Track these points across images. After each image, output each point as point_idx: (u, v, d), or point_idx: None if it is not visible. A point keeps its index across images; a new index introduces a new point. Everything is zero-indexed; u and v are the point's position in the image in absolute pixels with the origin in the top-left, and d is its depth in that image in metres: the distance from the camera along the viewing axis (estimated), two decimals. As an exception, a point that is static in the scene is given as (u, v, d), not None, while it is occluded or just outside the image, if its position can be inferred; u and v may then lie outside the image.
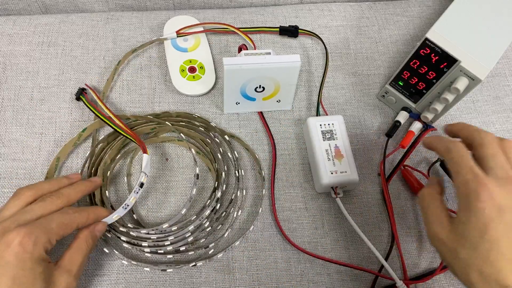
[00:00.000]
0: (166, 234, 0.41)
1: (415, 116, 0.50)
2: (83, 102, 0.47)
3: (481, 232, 0.29)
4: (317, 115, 0.50)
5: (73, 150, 0.46)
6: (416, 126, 0.49)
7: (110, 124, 0.44)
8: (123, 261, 0.41)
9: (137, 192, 0.40)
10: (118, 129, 0.44)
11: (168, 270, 0.42)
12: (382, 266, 0.42)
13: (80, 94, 0.48)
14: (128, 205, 0.39)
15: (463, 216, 0.30)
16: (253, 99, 0.48)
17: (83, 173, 0.44)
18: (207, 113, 0.50)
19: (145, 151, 0.42)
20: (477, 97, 0.54)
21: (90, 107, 0.46)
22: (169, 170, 0.47)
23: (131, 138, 0.44)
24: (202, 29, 0.54)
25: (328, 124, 0.47)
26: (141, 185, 0.40)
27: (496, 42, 0.44)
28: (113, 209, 0.43)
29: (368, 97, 0.53)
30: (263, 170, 0.47)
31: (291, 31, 0.55)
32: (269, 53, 0.45)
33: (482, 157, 0.32)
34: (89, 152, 0.45)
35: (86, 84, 0.49)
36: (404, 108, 0.50)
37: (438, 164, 0.49)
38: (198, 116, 0.49)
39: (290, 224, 0.45)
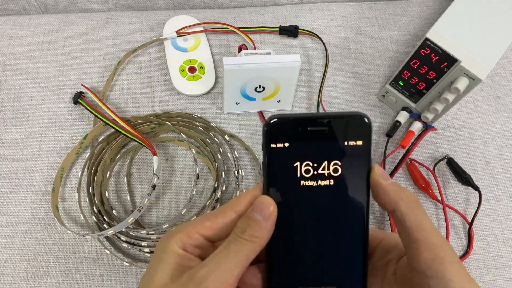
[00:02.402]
0: (166, 234, 0.41)
1: (415, 116, 0.50)
2: (83, 105, 0.47)
3: None
4: (317, 115, 0.50)
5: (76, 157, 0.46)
6: (417, 126, 0.49)
7: (115, 127, 0.44)
8: (124, 262, 0.41)
9: (150, 194, 0.40)
10: (124, 132, 0.44)
11: (168, 270, 0.42)
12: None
13: (78, 97, 0.47)
14: (142, 208, 0.40)
15: None
16: (253, 99, 0.48)
17: (83, 174, 0.44)
18: (207, 113, 0.50)
19: (154, 153, 0.43)
20: (477, 97, 0.54)
21: (91, 110, 0.46)
22: (169, 170, 0.47)
23: (138, 140, 0.44)
24: (202, 29, 0.54)
25: (328, 124, 0.46)
26: (154, 187, 0.40)
27: (496, 42, 0.44)
28: (112, 210, 0.43)
29: (368, 97, 0.53)
30: (263, 170, 0.47)
31: (291, 31, 0.55)
32: (269, 53, 0.45)
33: None
34: (88, 153, 0.45)
35: (82, 85, 0.49)
36: (404, 108, 0.50)
37: (444, 161, 0.49)
38: (198, 116, 0.48)
39: (290, 224, 0.45)
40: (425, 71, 0.45)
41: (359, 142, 0.25)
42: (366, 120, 0.24)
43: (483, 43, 0.43)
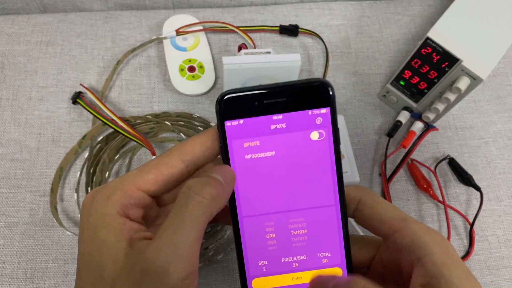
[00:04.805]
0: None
1: (416, 115, 0.50)
2: (81, 105, 0.47)
3: None
4: (317, 115, 0.50)
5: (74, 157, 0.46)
6: (418, 126, 0.49)
7: (114, 127, 0.44)
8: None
9: None
10: (123, 132, 0.44)
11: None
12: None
13: (77, 97, 0.47)
14: None
15: None
16: (253, 99, 0.48)
17: (82, 174, 0.44)
18: (206, 113, 0.50)
19: (154, 154, 0.42)
20: (478, 97, 0.54)
21: (90, 110, 0.46)
22: (168, 170, 0.46)
23: (137, 140, 0.43)
24: (201, 28, 0.54)
25: (329, 124, 0.46)
26: None
27: (497, 42, 0.43)
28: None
29: (369, 96, 0.53)
30: (263, 170, 0.47)
31: (291, 30, 0.55)
32: (269, 52, 0.45)
33: None
34: (87, 153, 0.45)
35: (81, 84, 0.49)
36: (405, 108, 0.50)
37: (446, 162, 0.49)
38: (197, 116, 0.48)
39: (290, 224, 0.45)
40: (426, 70, 0.45)
41: (323, 111, 0.23)
42: (327, 86, 0.23)
43: (485, 42, 0.43)
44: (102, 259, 0.20)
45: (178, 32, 0.52)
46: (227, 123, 0.24)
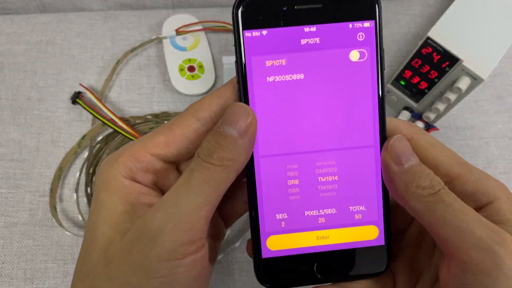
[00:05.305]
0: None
1: (416, 115, 0.50)
2: (81, 105, 0.47)
3: None
4: (317, 115, 0.49)
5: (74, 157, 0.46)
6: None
7: (114, 127, 0.44)
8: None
9: None
10: (122, 132, 0.44)
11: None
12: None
13: (76, 97, 0.47)
14: None
15: None
16: (253, 99, 0.48)
17: (81, 174, 0.44)
18: (206, 112, 0.50)
19: None
20: (479, 97, 0.54)
21: (89, 110, 0.45)
22: (168, 171, 0.46)
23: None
24: (201, 27, 0.54)
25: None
26: None
27: (498, 41, 0.43)
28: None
29: (369, 96, 0.52)
30: (263, 170, 0.47)
31: (291, 30, 0.55)
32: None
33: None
34: (87, 154, 0.45)
35: (81, 84, 0.48)
36: (406, 108, 0.50)
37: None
38: (197, 116, 0.48)
39: (290, 225, 0.45)
40: (427, 70, 0.44)
41: (366, 24, 0.19)
42: None
43: (485, 42, 0.43)
44: (98, 221, 0.18)
45: (178, 32, 0.52)
46: (246, 34, 0.20)
